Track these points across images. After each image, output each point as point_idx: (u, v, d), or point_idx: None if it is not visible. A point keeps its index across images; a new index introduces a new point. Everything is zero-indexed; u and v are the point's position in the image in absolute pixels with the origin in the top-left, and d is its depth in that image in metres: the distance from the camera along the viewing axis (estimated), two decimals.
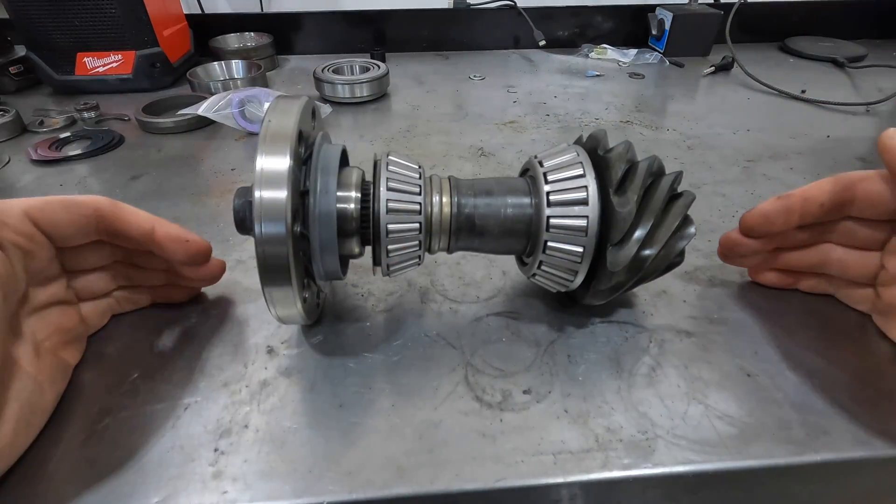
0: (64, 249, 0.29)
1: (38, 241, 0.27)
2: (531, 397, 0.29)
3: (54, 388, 0.27)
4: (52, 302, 0.29)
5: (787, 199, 0.32)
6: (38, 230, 0.27)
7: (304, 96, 0.28)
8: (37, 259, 0.27)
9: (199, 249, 0.31)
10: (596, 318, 0.34)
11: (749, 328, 0.33)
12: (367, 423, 0.27)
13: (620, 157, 0.28)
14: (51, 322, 0.28)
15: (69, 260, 0.30)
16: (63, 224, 0.28)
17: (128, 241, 0.30)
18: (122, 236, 0.30)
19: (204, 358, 0.31)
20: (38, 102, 0.70)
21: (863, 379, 0.29)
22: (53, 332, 0.28)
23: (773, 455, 0.25)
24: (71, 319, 0.30)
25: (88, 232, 0.29)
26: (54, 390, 0.27)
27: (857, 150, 0.57)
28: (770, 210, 0.32)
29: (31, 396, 0.25)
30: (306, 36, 0.91)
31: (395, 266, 0.29)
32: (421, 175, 0.29)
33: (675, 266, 0.31)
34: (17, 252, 0.26)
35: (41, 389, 0.26)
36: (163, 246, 0.30)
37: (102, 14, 0.68)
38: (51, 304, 0.28)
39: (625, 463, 0.25)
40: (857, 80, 0.77)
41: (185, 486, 0.24)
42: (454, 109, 0.69)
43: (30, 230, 0.27)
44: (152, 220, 0.30)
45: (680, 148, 0.58)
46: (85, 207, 0.28)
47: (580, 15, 0.92)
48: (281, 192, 0.24)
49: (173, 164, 0.54)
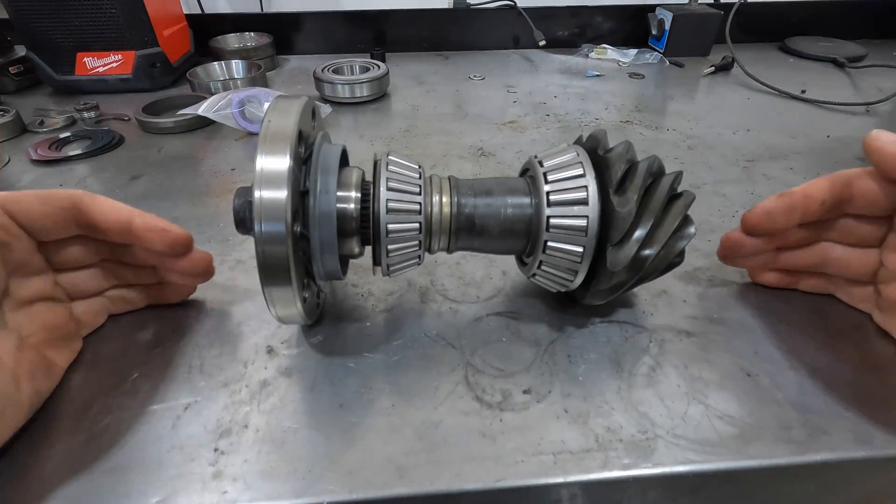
0: (47, 244, 0.29)
1: (13, 233, 0.27)
2: (531, 397, 0.29)
3: (33, 384, 0.26)
4: (39, 297, 0.29)
5: (789, 196, 0.31)
6: (13, 222, 0.27)
7: (304, 96, 0.28)
8: (14, 251, 0.27)
9: (177, 239, 0.31)
10: (596, 318, 0.34)
11: (749, 328, 0.33)
12: (367, 423, 0.27)
13: (620, 157, 0.28)
14: (37, 318, 0.28)
15: (53, 255, 0.30)
16: (39, 216, 0.28)
17: (106, 233, 0.30)
18: (99, 229, 0.30)
19: (204, 358, 0.31)
20: (38, 102, 0.70)
21: (863, 378, 0.29)
22: (40, 328, 0.28)
23: (773, 455, 0.25)
24: (59, 317, 0.30)
25: (67, 225, 0.29)
26: (33, 386, 0.26)
27: (857, 150, 0.57)
28: (773, 208, 0.32)
29: (5, 388, 0.24)
30: (306, 36, 0.91)
31: (395, 266, 0.29)
32: (421, 175, 0.29)
33: (675, 266, 0.31)
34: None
35: (17, 383, 0.25)
36: (141, 236, 0.30)
37: (102, 14, 0.68)
38: (37, 300, 0.28)
39: (625, 463, 0.25)
40: (857, 80, 0.77)
41: (185, 486, 0.24)
42: (454, 109, 0.69)
43: (5, 221, 0.27)
44: (131, 211, 0.30)
45: (680, 148, 0.58)
46: (61, 200, 0.29)
47: (580, 15, 0.92)
48: (281, 192, 0.24)
49: (173, 164, 0.54)
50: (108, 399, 0.28)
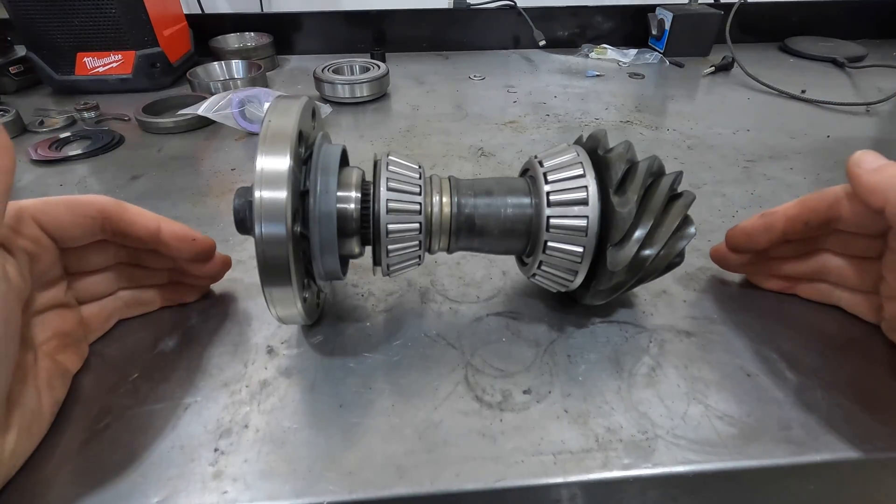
0: (68, 251, 0.29)
1: (43, 245, 0.27)
2: (531, 397, 0.29)
3: (52, 395, 0.26)
4: (52, 305, 0.28)
5: (770, 216, 0.32)
6: (43, 233, 0.27)
7: (304, 96, 0.28)
8: (42, 262, 0.27)
9: (204, 247, 0.31)
10: (596, 318, 0.34)
11: (749, 328, 0.33)
12: (367, 423, 0.27)
13: (620, 157, 0.28)
14: (49, 325, 0.28)
15: (72, 261, 0.29)
16: (68, 225, 0.27)
17: (134, 240, 0.30)
18: (128, 236, 0.30)
19: (204, 358, 0.31)
20: (38, 102, 0.70)
21: (863, 379, 0.29)
22: (52, 335, 0.28)
23: (773, 455, 0.25)
24: (68, 322, 0.29)
25: (94, 232, 0.29)
26: (52, 396, 0.26)
27: (857, 150, 0.57)
28: (751, 228, 0.32)
29: (30, 402, 0.24)
30: (306, 36, 0.91)
31: (395, 266, 0.29)
32: (421, 175, 0.29)
33: (675, 266, 0.31)
34: (25, 256, 0.25)
35: (39, 396, 0.25)
36: (169, 245, 0.30)
37: (102, 14, 0.68)
38: (50, 308, 0.28)
39: (625, 463, 0.25)
40: (857, 80, 0.77)
41: (185, 486, 0.24)
42: (454, 109, 0.69)
43: (36, 234, 0.26)
44: (158, 219, 0.30)
45: (680, 148, 0.58)
46: (90, 208, 0.28)
47: (580, 15, 0.92)
48: (281, 192, 0.24)
49: (173, 164, 0.54)
50: (108, 399, 0.28)
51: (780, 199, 0.47)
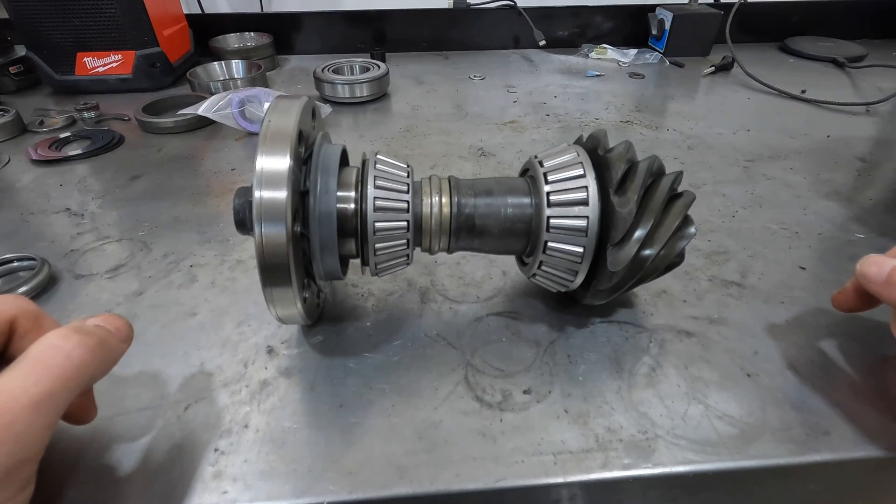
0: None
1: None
2: (531, 397, 0.29)
3: None
4: None
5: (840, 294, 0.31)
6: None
7: (304, 96, 0.28)
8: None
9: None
10: (596, 318, 0.34)
11: (749, 328, 0.33)
12: (367, 423, 0.27)
13: (620, 157, 0.28)
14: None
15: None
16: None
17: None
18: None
19: (204, 358, 0.31)
20: (38, 102, 0.70)
21: (863, 379, 0.29)
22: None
23: (773, 455, 0.25)
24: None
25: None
26: None
27: (857, 150, 0.57)
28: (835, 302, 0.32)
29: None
30: (306, 36, 0.91)
31: (383, 265, 0.29)
32: (409, 174, 0.29)
33: (675, 266, 0.31)
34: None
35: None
36: None
37: (102, 14, 0.68)
38: None
39: (625, 463, 0.25)
40: (857, 80, 0.77)
41: (185, 486, 0.24)
42: (454, 109, 0.69)
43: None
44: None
45: (680, 148, 0.58)
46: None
47: (580, 15, 0.92)
48: (281, 192, 0.24)
49: (173, 164, 0.54)
50: (108, 399, 0.28)
51: (779, 198, 0.47)
